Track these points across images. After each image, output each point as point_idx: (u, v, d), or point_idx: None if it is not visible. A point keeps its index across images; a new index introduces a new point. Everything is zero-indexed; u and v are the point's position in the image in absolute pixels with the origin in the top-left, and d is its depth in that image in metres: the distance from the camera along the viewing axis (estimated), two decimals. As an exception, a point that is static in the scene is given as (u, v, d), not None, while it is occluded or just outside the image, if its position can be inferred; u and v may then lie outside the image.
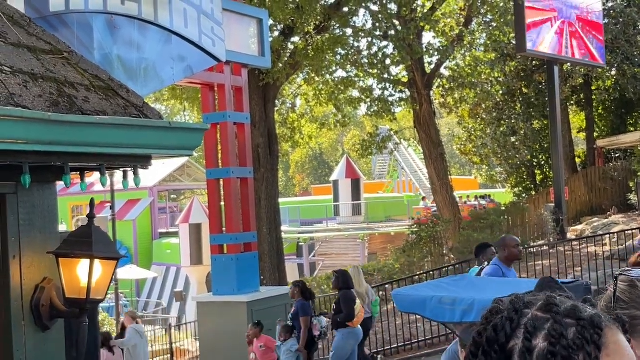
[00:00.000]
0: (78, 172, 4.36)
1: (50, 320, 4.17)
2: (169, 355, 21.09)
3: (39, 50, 4.09)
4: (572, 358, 1.14)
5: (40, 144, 3.55)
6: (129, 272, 31.33)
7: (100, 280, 4.09)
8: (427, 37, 57.21)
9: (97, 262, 4.04)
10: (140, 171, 4.29)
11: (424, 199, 40.35)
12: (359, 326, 11.20)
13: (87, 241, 4.04)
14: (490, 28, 25.29)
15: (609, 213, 24.26)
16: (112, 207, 21.11)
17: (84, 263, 4.03)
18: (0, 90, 3.51)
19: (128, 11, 10.76)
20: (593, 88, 28.93)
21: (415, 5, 22.61)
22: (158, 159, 4.45)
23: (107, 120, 3.81)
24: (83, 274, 4.04)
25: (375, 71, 22.16)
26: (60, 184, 4.39)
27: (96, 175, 4.48)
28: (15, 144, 3.45)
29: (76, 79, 4.04)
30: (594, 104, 29.66)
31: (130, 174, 4.26)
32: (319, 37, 19.09)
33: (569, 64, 25.44)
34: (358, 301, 11.09)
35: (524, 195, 29.03)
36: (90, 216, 4.17)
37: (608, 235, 17.80)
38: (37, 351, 4.15)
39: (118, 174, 4.61)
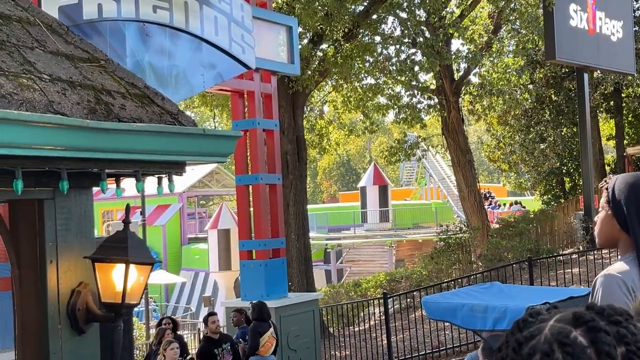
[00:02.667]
0: (113, 178, 4.44)
1: (86, 324, 4.23)
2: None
3: (77, 58, 4.17)
4: None
5: (78, 151, 3.61)
6: (158, 277, 31.53)
7: (135, 285, 4.15)
8: (456, 44, 57.16)
9: (132, 267, 4.10)
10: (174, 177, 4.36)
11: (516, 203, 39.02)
12: (271, 355, 11.45)
13: (123, 246, 4.10)
14: (519, 35, 25.19)
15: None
16: (142, 213, 21.29)
17: (120, 268, 4.09)
18: (40, 97, 3.59)
19: (160, 19, 10.87)
20: (623, 95, 28.68)
21: (444, 12, 22.58)
22: (192, 165, 4.51)
23: (143, 128, 3.87)
24: (118, 278, 4.10)
25: (404, 78, 22.15)
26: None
27: (125, 181, 4.56)
28: (54, 150, 3.52)
29: (113, 87, 4.11)
30: (624, 112, 29.40)
31: (165, 180, 4.33)
32: (347, 44, 19.12)
33: (598, 72, 25.27)
34: (269, 331, 11.34)
35: (552, 203, 28.83)
36: (126, 222, 4.23)
37: (639, 244, 17.55)
38: (73, 354, 4.22)
39: (148, 179, 4.67)
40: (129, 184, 4.56)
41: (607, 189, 2.91)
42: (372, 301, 18.92)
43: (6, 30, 3.92)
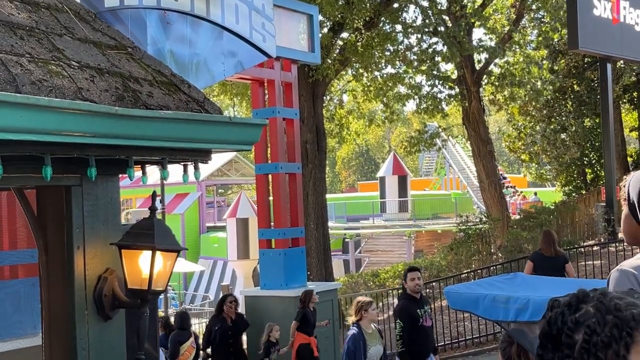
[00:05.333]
0: (139, 166, 4.44)
1: (112, 310, 4.25)
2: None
3: (105, 45, 4.17)
4: (599, 356, 1.17)
5: (106, 138, 3.62)
6: (176, 265, 31.55)
7: (161, 272, 4.16)
8: (478, 33, 56.71)
9: (158, 253, 4.11)
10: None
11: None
12: None
13: (149, 233, 4.11)
14: (542, 24, 24.97)
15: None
16: (161, 201, 21.32)
17: (146, 254, 4.10)
18: (69, 84, 3.59)
19: (181, 7, 10.86)
20: (646, 86, 28.43)
21: (465, 1, 22.43)
22: (217, 153, 4.51)
23: (170, 115, 3.87)
24: (145, 265, 4.11)
25: (425, 68, 22.05)
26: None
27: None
28: (83, 137, 3.53)
29: (140, 74, 4.11)
30: (647, 103, 29.17)
31: (191, 168, 4.33)
32: (368, 33, 19.05)
33: (621, 62, 25.01)
34: (190, 340, 11.59)
35: (574, 194, 28.65)
36: (152, 209, 4.24)
37: (660, 236, 17.40)
38: (99, 340, 4.24)
39: (170, 167, 4.67)
40: (147, 172, 4.56)
41: (624, 186, 2.87)
42: (390, 291, 18.89)
43: (35, 17, 3.93)
